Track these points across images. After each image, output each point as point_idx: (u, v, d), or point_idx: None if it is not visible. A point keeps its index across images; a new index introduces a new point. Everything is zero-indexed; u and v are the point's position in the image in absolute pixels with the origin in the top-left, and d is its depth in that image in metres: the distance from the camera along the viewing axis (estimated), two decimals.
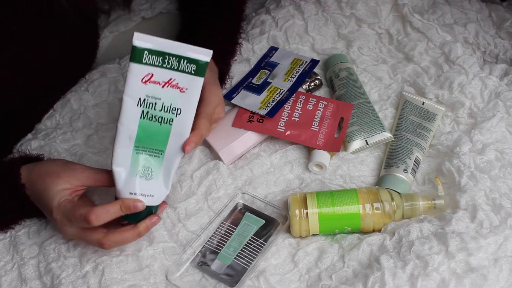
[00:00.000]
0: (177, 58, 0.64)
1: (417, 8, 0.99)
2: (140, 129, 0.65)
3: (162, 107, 0.65)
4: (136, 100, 0.64)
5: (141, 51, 0.63)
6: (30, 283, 0.71)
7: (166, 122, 0.65)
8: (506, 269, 0.64)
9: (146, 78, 0.63)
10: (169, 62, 0.63)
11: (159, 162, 0.67)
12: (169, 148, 0.67)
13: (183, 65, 0.64)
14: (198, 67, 0.64)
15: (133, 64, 0.63)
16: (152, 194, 0.68)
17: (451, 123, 0.84)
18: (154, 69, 0.63)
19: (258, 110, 0.84)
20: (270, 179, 0.80)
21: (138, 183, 0.67)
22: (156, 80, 0.64)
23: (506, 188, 0.73)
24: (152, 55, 0.63)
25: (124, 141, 0.65)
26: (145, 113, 0.65)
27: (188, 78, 0.65)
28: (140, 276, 0.71)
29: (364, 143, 0.82)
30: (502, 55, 0.93)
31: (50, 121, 0.89)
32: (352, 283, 0.66)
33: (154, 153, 0.67)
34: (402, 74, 0.91)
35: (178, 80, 0.64)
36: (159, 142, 0.66)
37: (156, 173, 0.67)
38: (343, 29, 0.98)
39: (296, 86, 0.88)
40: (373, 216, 0.71)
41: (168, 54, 0.63)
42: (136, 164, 0.66)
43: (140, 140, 0.65)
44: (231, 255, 0.72)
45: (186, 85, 0.65)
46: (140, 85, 0.63)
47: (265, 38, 0.97)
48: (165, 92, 0.64)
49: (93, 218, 0.64)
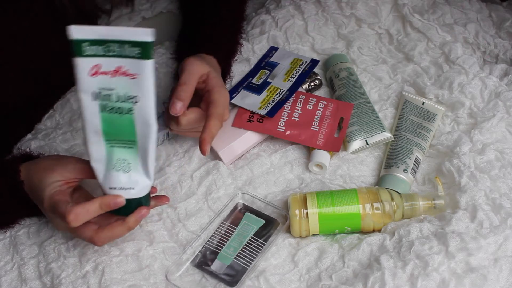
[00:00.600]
0: (119, 44, 0.60)
1: (417, 8, 0.99)
2: (104, 122, 0.63)
3: (118, 98, 0.63)
4: (90, 95, 0.62)
5: (80, 44, 0.60)
6: (30, 283, 0.71)
7: (126, 112, 0.63)
8: (506, 269, 0.64)
9: (93, 70, 0.61)
10: (112, 50, 0.60)
11: (133, 153, 0.65)
12: (140, 137, 0.65)
13: (127, 50, 0.61)
14: (143, 50, 0.60)
15: (77, 58, 0.61)
16: (132, 187, 0.66)
17: (451, 123, 0.84)
18: (99, 59, 0.61)
19: (258, 110, 0.84)
20: (270, 179, 0.80)
21: (116, 176, 0.65)
22: (103, 70, 0.61)
23: (506, 188, 0.73)
24: (93, 45, 0.60)
25: (93, 136, 0.64)
26: (103, 106, 0.63)
27: (136, 63, 0.61)
28: (140, 276, 0.71)
29: (364, 143, 0.82)
30: (502, 55, 0.93)
31: (50, 121, 0.89)
32: (352, 283, 0.66)
33: (126, 144, 0.65)
34: (402, 74, 0.91)
35: (127, 67, 0.61)
36: (127, 133, 0.64)
37: (133, 164, 0.66)
38: (343, 29, 0.98)
39: (296, 86, 0.88)
40: (373, 216, 0.71)
41: (108, 42, 0.60)
42: (111, 158, 0.65)
43: (108, 133, 0.64)
44: (231, 255, 0.72)
45: (136, 71, 0.61)
46: (89, 79, 0.61)
47: (265, 38, 0.97)
48: (117, 82, 0.62)
49: (71, 219, 0.63)
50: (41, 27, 0.81)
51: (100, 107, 0.63)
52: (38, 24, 0.80)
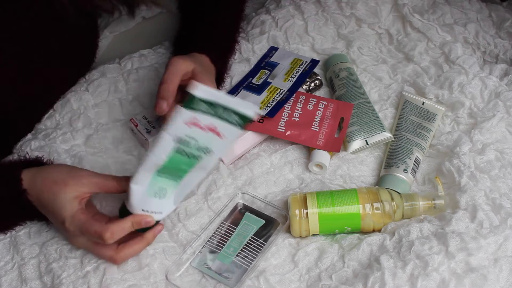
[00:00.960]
0: (225, 110, 0.65)
1: (417, 8, 0.99)
2: (169, 161, 0.66)
3: (197, 147, 0.66)
4: (174, 137, 0.64)
5: (198, 101, 0.63)
6: (30, 283, 0.71)
7: (195, 157, 0.67)
8: (506, 269, 0.64)
9: (190, 121, 0.64)
10: (217, 112, 0.64)
11: (175, 185, 0.68)
12: (188, 175, 0.68)
13: (228, 115, 0.65)
14: (242, 119, 0.66)
15: (183, 108, 0.63)
16: (161, 211, 0.69)
17: (451, 123, 0.84)
18: (201, 115, 0.64)
19: (258, 110, 0.84)
20: (270, 179, 0.80)
21: (151, 202, 0.68)
22: (199, 124, 0.64)
23: (506, 188, 0.73)
24: (203, 102, 0.64)
25: (150, 167, 0.66)
26: (178, 148, 0.65)
27: (230, 128, 0.66)
28: (140, 276, 0.71)
29: (364, 143, 0.82)
30: (502, 55, 0.93)
31: (50, 121, 0.88)
32: (352, 283, 0.66)
33: (173, 177, 0.68)
34: (402, 74, 0.91)
35: (220, 128, 0.66)
36: (181, 171, 0.67)
37: (169, 193, 0.69)
38: (343, 29, 0.98)
39: (296, 86, 0.88)
40: (373, 216, 0.71)
41: (218, 104, 0.64)
42: (154, 185, 0.67)
43: (165, 168, 0.66)
44: (231, 255, 0.72)
45: (226, 133, 0.66)
46: (182, 126, 0.64)
47: (265, 38, 0.97)
48: (204, 135, 0.65)
49: (108, 236, 0.65)
50: (41, 27, 0.81)
51: (175, 148, 0.65)
52: (38, 24, 0.80)
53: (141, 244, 0.70)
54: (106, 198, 0.76)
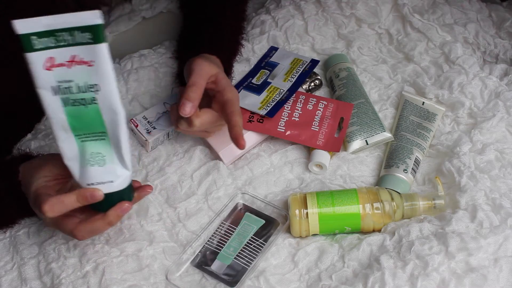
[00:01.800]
0: (68, 32, 0.57)
1: (417, 8, 0.99)
2: (69, 117, 0.61)
3: (78, 89, 0.60)
4: (50, 90, 0.60)
5: (28, 38, 0.57)
6: (30, 283, 0.71)
7: (90, 102, 0.60)
8: (506, 269, 0.64)
9: (47, 64, 0.58)
10: (63, 39, 0.57)
11: (106, 145, 0.63)
12: (109, 127, 0.62)
13: (77, 36, 0.57)
14: (94, 34, 0.57)
15: (29, 54, 0.58)
16: (111, 180, 0.64)
17: (451, 123, 0.84)
18: (52, 51, 0.58)
19: (258, 110, 0.84)
20: (270, 179, 0.80)
21: (92, 172, 0.63)
22: (59, 62, 0.59)
23: (506, 188, 0.73)
24: (42, 38, 0.57)
25: (62, 134, 0.62)
26: (65, 100, 0.60)
27: (90, 49, 0.58)
28: (140, 276, 0.71)
29: (364, 143, 0.82)
30: (502, 55, 0.93)
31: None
32: (352, 283, 0.66)
33: (97, 136, 0.62)
34: (402, 74, 0.91)
35: (82, 55, 0.58)
36: (95, 125, 0.62)
37: (108, 157, 0.63)
38: (343, 29, 0.98)
39: (296, 86, 0.88)
40: (373, 216, 0.71)
41: (57, 31, 0.57)
42: (84, 153, 0.63)
43: (76, 128, 0.62)
44: (231, 255, 0.72)
45: (91, 57, 0.58)
46: (45, 73, 0.59)
47: (265, 38, 0.97)
48: (74, 72, 0.59)
49: (46, 209, 0.62)
50: None
51: (62, 101, 0.60)
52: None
53: (102, 222, 0.65)
54: None
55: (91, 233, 0.67)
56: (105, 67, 0.59)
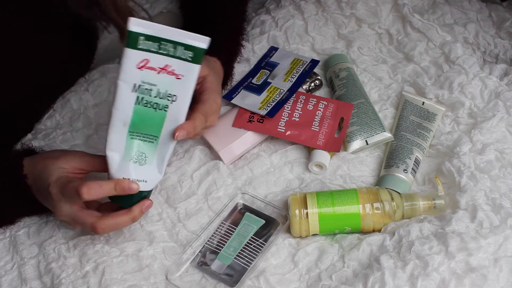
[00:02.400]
0: (173, 44, 0.63)
1: (417, 8, 0.99)
2: (135, 114, 0.64)
3: (157, 93, 0.64)
4: (131, 86, 0.63)
5: (137, 36, 0.62)
6: (30, 283, 0.71)
7: (161, 108, 0.65)
8: (506, 269, 0.64)
9: (141, 64, 0.62)
10: (165, 48, 0.62)
11: (153, 148, 0.66)
12: (164, 134, 0.66)
13: (179, 51, 0.63)
14: (195, 54, 0.63)
15: (129, 49, 0.62)
16: (145, 179, 0.67)
17: (451, 123, 0.84)
18: (150, 55, 0.63)
19: (258, 110, 0.84)
20: (270, 179, 0.80)
21: (131, 168, 0.66)
22: (151, 66, 0.63)
23: (506, 188, 0.73)
24: (147, 40, 0.62)
25: (119, 126, 0.64)
26: (140, 99, 0.64)
27: (185, 65, 0.64)
28: (140, 276, 0.71)
29: (364, 143, 0.82)
30: (502, 55, 0.93)
31: (50, 121, 0.89)
32: (352, 283, 0.66)
33: (148, 138, 0.66)
34: (402, 74, 0.91)
35: (174, 67, 0.64)
36: (153, 128, 0.66)
37: (150, 158, 0.67)
38: (343, 29, 0.98)
39: (296, 86, 0.88)
40: (373, 216, 0.71)
41: (164, 40, 0.62)
42: (130, 149, 0.66)
43: (135, 125, 0.65)
44: (231, 255, 0.72)
45: (182, 72, 0.64)
46: (135, 70, 0.63)
47: (265, 38, 0.97)
48: (161, 79, 0.64)
49: (84, 191, 0.63)
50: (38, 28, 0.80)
51: (136, 99, 0.64)
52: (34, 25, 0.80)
53: (125, 217, 0.67)
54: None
55: (113, 227, 0.68)
56: (190, 84, 0.65)
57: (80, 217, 0.67)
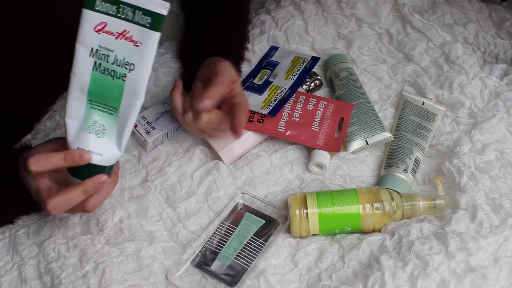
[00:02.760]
0: (132, 8, 0.60)
1: (417, 8, 0.99)
2: (93, 81, 0.62)
3: (115, 60, 0.61)
4: (88, 50, 0.61)
5: None
6: (30, 283, 0.71)
7: (118, 76, 0.62)
8: (506, 269, 0.64)
9: (99, 26, 0.60)
10: (124, 12, 0.60)
11: (112, 120, 0.64)
12: (123, 106, 0.63)
13: (138, 16, 0.60)
14: (153, 20, 0.60)
15: (86, 10, 0.60)
16: (101, 153, 0.64)
17: (451, 123, 0.84)
18: (108, 18, 0.60)
19: (260, 110, 0.84)
20: (270, 179, 0.80)
21: (88, 138, 0.64)
22: (109, 30, 0.61)
23: (506, 188, 0.73)
24: (106, 2, 0.60)
25: (77, 93, 0.63)
26: (97, 64, 0.62)
27: (143, 32, 0.60)
28: (140, 276, 0.71)
29: (364, 143, 0.82)
30: (502, 55, 0.93)
31: (50, 121, 0.89)
32: (352, 283, 0.66)
33: (108, 109, 0.64)
34: (402, 74, 0.91)
35: (133, 33, 0.61)
36: (112, 98, 0.63)
37: (108, 131, 0.64)
38: (343, 29, 0.98)
39: (297, 84, 0.88)
40: (373, 216, 0.71)
41: (122, 3, 0.60)
42: (89, 118, 0.64)
43: (93, 93, 0.63)
44: (231, 255, 0.72)
45: (141, 39, 0.61)
46: (93, 33, 0.61)
47: (265, 38, 0.97)
48: (118, 44, 0.61)
49: (31, 161, 0.61)
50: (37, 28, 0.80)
51: (94, 64, 0.62)
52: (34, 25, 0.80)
53: (77, 191, 0.63)
54: None
55: (65, 204, 0.64)
56: (148, 52, 0.61)
57: (39, 194, 0.64)
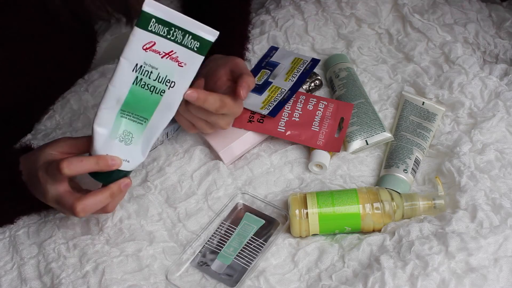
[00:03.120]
0: (182, 32, 0.63)
1: (417, 8, 0.99)
2: (130, 94, 0.64)
3: (157, 77, 0.64)
4: (132, 65, 0.63)
5: (149, 18, 0.62)
6: (30, 283, 0.71)
7: (157, 92, 0.65)
8: (506, 269, 0.64)
9: (147, 45, 0.63)
10: (174, 34, 0.63)
11: (141, 129, 0.67)
12: (154, 117, 0.66)
13: (187, 40, 0.63)
14: (201, 45, 0.64)
15: (138, 29, 0.62)
16: (128, 159, 0.67)
17: (451, 123, 0.84)
18: (158, 38, 0.63)
19: (260, 110, 0.84)
20: (270, 179, 0.80)
21: (116, 146, 0.66)
22: (157, 49, 0.63)
23: (506, 188, 0.73)
24: (158, 24, 0.62)
25: (111, 102, 0.65)
26: (138, 79, 0.64)
27: (189, 54, 0.64)
28: (140, 276, 0.71)
29: (364, 143, 0.82)
30: (502, 55, 0.93)
31: (50, 121, 0.89)
32: (352, 283, 0.66)
33: (138, 119, 0.66)
34: (402, 74, 0.91)
35: (179, 54, 0.64)
36: (145, 110, 0.66)
37: (136, 139, 0.67)
38: (343, 29, 0.98)
39: (297, 86, 0.88)
40: (373, 216, 0.71)
41: (174, 26, 0.63)
42: (118, 127, 0.66)
43: (128, 105, 0.65)
44: (231, 255, 0.72)
45: (186, 60, 0.64)
46: (140, 51, 0.63)
47: (265, 38, 0.97)
48: (163, 63, 0.64)
49: (64, 165, 0.63)
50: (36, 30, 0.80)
51: (135, 79, 0.64)
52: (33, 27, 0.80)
53: (104, 194, 0.66)
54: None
55: (92, 206, 0.66)
56: (190, 73, 0.65)
57: (63, 198, 0.66)
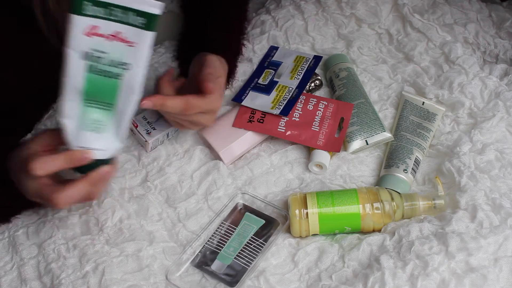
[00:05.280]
0: (123, 10, 0.59)
1: (417, 8, 0.99)
2: (88, 82, 0.62)
3: (109, 62, 0.62)
4: (79, 53, 0.61)
5: (81, 1, 0.58)
6: (30, 283, 0.71)
7: (114, 76, 0.63)
8: (506, 269, 0.64)
9: (89, 30, 0.60)
10: (115, 14, 0.59)
11: (109, 115, 0.64)
12: (120, 101, 0.64)
13: (130, 17, 0.60)
14: (148, 21, 0.60)
15: (74, 15, 0.59)
16: (103, 148, 0.65)
17: (451, 123, 0.84)
18: (99, 21, 0.59)
19: (270, 110, 0.84)
20: (270, 179, 0.80)
21: (87, 136, 0.64)
22: (101, 33, 0.60)
23: (506, 188, 0.73)
24: (94, 5, 0.59)
25: (72, 93, 0.63)
26: (91, 67, 0.62)
27: (136, 32, 0.60)
28: (140, 276, 0.71)
29: (364, 143, 0.82)
30: (502, 55, 0.93)
31: (50, 121, 0.88)
32: (352, 283, 0.66)
33: (103, 106, 0.64)
34: (402, 74, 0.91)
35: (126, 34, 0.60)
36: (108, 96, 0.64)
37: (107, 126, 0.64)
38: (343, 29, 0.98)
39: (303, 83, 0.88)
40: (373, 216, 0.71)
41: (112, 5, 0.59)
42: (85, 117, 0.64)
43: (89, 93, 0.63)
44: (231, 255, 0.72)
45: (135, 39, 0.61)
46: (83, 38, 0.60)
47: (265, 38, 0.97)
48: (112, 46, 0.61)
49: (36, 166, 0.61)
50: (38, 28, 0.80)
51: (87, 67, 0.62)
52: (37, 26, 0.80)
53: (83, 184, 0.64)
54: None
55: (73, 197, 0.64)
56: (143, 52, 0.62)
57: (43, 191, 0.65)
